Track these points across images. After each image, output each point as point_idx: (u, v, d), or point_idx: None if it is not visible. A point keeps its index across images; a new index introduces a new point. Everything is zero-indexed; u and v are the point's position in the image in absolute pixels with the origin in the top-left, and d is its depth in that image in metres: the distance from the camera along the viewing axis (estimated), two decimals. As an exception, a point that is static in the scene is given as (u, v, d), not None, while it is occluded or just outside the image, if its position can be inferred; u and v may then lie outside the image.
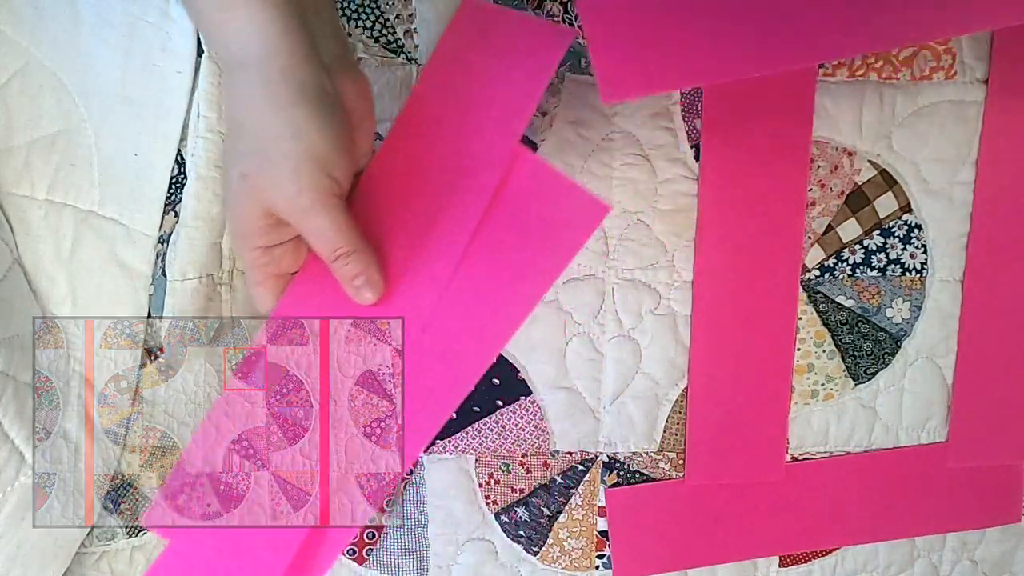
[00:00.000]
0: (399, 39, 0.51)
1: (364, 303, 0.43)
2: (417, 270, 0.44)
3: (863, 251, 0.57)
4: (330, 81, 0.40)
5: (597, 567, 0.58)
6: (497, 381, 0.55)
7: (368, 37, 0.51)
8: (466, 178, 0.44)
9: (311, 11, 0.39)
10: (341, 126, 0.40)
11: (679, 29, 0.47)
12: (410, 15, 0.51)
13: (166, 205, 0.50)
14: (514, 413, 0.55)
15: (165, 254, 0.50)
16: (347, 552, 0.55)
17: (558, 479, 0.56)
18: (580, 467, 0.56)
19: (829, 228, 0.56)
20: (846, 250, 0.57)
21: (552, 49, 0.45)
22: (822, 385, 0.57)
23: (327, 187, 0.39)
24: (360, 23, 0.51)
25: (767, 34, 0.46)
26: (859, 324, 0.57)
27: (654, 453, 0.57)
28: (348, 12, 0.51)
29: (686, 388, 0.56)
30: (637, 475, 0.57)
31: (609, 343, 0.55)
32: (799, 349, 0.57)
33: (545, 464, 0.56)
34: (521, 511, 0.56)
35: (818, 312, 0.57)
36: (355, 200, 0.44)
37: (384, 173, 0.45)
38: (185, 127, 0.49)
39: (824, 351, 0.57)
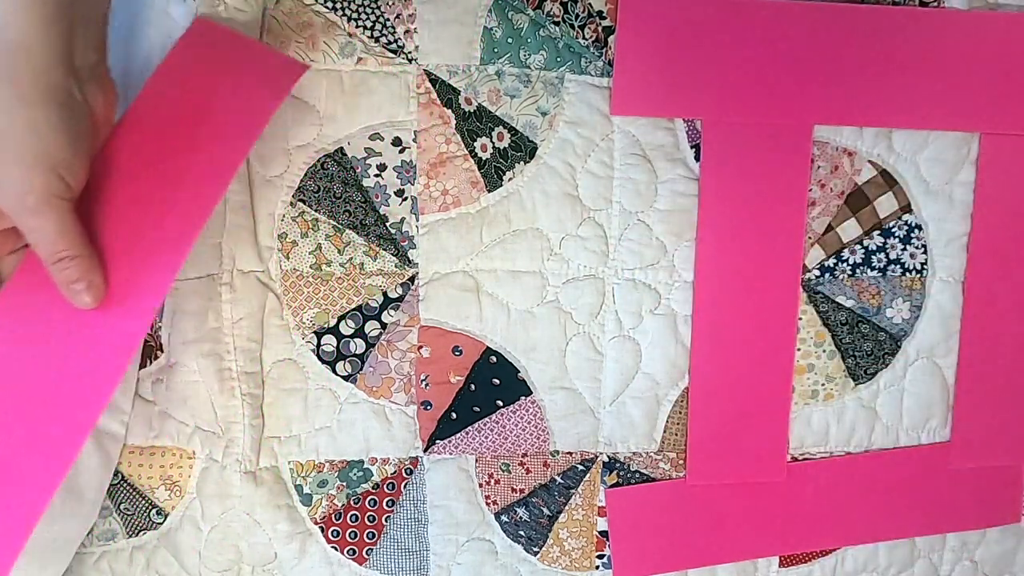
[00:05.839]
0: (399, 39, 0.51)
1: (82, 307, 0.42)
2: (139, 277, 0.43)
3: (863, 251, 0.57)
4: (79, 89, 0.40)
5: (597, 567, 0.58)
6: (497, 381, 0.55)
7: (368, 37, 0.51)
8: (190, 188, 0.44)
9: (80, 20, 0.39)
10: (83, 133, 0.40)
11: (698, 66, 0.52)
12: (410, 15, 0.51)
13: (166, 205, 0.50)
14: (514, 413, 0.55)
15: (165, 254, 0.50)
16: (347, 552, 0.55)
17: (558, 479, 0.56)
18: (580, 467, 0.56)
19: (829, 228, 0.56)
20: (846, 250, 0.57)
21: (283, 80, 0.47)
22: (822, 385, 0.57)
23: (57, 190, 0.39)
24: (360, 23, 0.51)
25: (772, 91, 0.53)
26: (859, 324, 0.57)
27: (654, 453, 0.57)
28: (348, 12, 0.51)
29: (686, 388, 0.56)
30: (637, 475, 0.57)
31: (609, 343, 0.55)
32: (799, 349, 0.57)
33: (545, 464, 0.56)
34: (521, 511, 0.56)
35: (818, 312, 0.57)
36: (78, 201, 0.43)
37: (107, 175, 0.44)
38: (185, 127, 0.50)
39: (824, 351, 0.57)
